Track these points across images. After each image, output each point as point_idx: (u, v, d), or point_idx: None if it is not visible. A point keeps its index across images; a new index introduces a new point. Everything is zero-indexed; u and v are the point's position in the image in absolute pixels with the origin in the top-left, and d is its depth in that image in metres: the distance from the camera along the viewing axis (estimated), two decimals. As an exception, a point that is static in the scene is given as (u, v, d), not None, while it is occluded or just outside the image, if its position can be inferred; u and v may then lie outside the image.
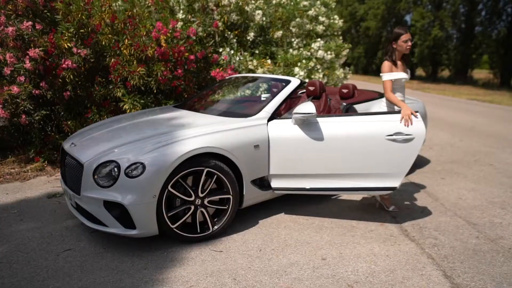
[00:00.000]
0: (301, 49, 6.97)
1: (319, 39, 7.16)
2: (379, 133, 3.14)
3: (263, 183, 3.35)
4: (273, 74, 6.18)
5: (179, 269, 2.62)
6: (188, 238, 2.94)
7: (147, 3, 5.73)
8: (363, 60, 39.46)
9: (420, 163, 5.37)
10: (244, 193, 3.18)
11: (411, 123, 3.10)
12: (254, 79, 4.83)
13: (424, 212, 3.68)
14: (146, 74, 5.01)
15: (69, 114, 5.06)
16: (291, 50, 6.86)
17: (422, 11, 29.51)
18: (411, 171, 4.92)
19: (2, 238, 3.01)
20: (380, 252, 2.90)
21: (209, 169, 2.91)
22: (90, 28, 4.89)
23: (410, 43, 3.40)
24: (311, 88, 4.16)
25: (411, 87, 20.11)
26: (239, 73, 6.02)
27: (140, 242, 2.96)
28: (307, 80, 5.74)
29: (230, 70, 5.68)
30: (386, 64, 3.42)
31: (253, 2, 6.62)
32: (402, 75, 3.42)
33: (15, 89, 4.30)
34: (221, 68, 5.65)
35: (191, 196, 2.91)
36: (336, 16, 8.13)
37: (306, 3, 7.44)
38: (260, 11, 6.55)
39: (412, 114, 3.13)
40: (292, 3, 7.30)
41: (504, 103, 13.84)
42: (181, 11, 6.14)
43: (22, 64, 4.39)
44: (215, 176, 2.96)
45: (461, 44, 27.99)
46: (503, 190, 4.33)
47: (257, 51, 6.65)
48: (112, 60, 4.96)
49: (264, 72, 6.15)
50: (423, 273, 2.63)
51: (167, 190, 2.76)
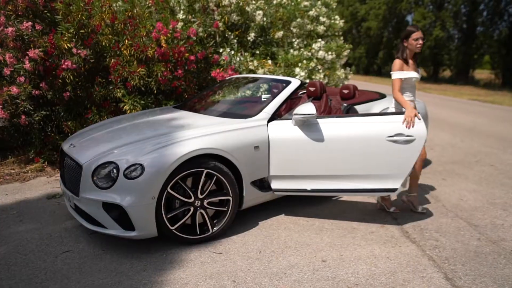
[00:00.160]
0: (302, 49, 6.96)
1: (320, 40, 7.15)
2: (380, 134, 3.12)
3: (263, 184, 3.33)
4: (273, 74, 6.17)
5: (178, 271, 2.61)
6: (187, 239, 2.92)
7: (147, 3, 5.72)
8: (364, 61, 39.47)
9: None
10: (244, 194, 3.17)
11: (413, 126, 3.08)
12: (255, 80, 4.81)
13: (425, 213, 3.66)
14: (146, 75, 5.00)
15: (69, 114, 5.06)
16: (291, 51, 6.85)
17: (424, 11, 29.49)
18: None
19: (0, 240, 3.00)
20: (381, 254, 2.88)
21: (208, 170, 2.89)
22: (90, 29, 4.88)
23: (421, 41, 3.35)
24: (312, 89, 4.14)
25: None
26: (240, 73, 6.00)
27: (139, 244, 2.95)
28: (307, 81, 5.72)
29: (231, 70, 5.67)
30: (397, 62, 3.37)
31: (253, 2, 6.61)
32: (412, 74, 3.37)
33: (14, 89, 4.29)
34: (221, 69, 5.64)
35: (190, 198, 2.89)
36: (337, 17, 8.11)
37: (307, 3, 7.42)
38: (260, 12, 6.53)
39: (416, 116, 3.10)
40: (293, 4, 7.28)
41: (506, 103, 13.80)
42: (181, 12, 6.13)
43: (21, 64, 4.37)
44: (215, 177, 2.94)
45: (462, 44, 27.95)
46: (505, 191, 4.30)
47: (257, 52, 6.63)
48: (112, 60, 4.95)
49: (264, 73, 6.13)
50: (424, 275, 2.61)
51: (166, 191, 2.74)
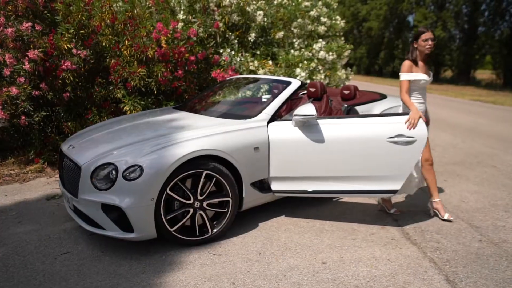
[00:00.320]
0: (302, 50, 6.94)
1: (320, 40, 7.13)
2: (381, 135, 3.10)
3: (263, 185, 3.31)
4: (274, 75, 6.15)
5: (177, 273, 2.59)
6: (186, 241, 2.91)
7: (147, 3, 5.71)
8: (366, 61, 39.49)
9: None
10: (243, 195, 3.15)
11: (414, 127, 3.06)
12: (255, 80, 4.79)
13: (426, 214, 3.64)
14: (147, 75, 4.99)
15: (69, 115, 5.05)
16: (292, 51, 6.83)
17: (425, 11, 29.47)
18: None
19: (-1, 241, 3.00)
20: (381, 256, 2.86)
21: (208, 171, 2.88)
22: (90, 29, 4.88)
23: (430, 42, 3.28)
24: (312, 90, 4.13)
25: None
26: (240, 74, 5.99)
27: (138, 246, 2.93)
28: (308, 81, 5.70)
29: (231, 71, 5.66)
30: (406, 63, 3.33)
31: (254, 2, 6.59)
32: (421, 76, 3.31)
33: (14, 90, 4.28)
34: (222, 69, 5.63)
35: (190, 199, 2.87)
36: (338, 17, 8.09)
37: (307, 3, 7.40)
38: (261, 12, 6.52)
39: (420, 118, 3.08)
40: (293, 4, 7.26)
41: (507, 103, 13.76)
42: (181, 12, 6.12)
43: (21, 65, 4.36)
44: (214, 178, 2.92)
45: (464, 45, 27.93)
46: (506, 192, 4.28)
47: (258, 52, 6.62)
48: (112, 61, 4.95)
49: (265, 73, 6.12)
50: (425, 277, 2.59)
51: (165, 193, 2.73)
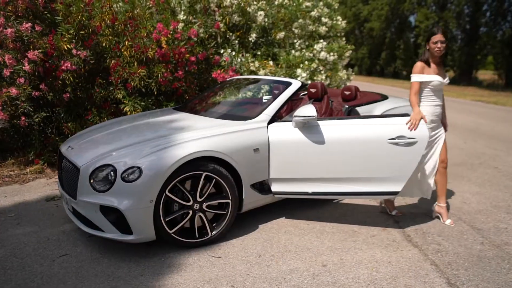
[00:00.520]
0: (303, 50, 6.91)
1: (321, 40, 7.10)
2: (381, 136, 3.07)
3: (263, 187, 3.29)
4: (275, 75, 6.13)
5: (176, 275, 2.57)
6: (186, 243, 2.89)
7: (148, 4, 5.70)
8: (367, 61, 39.44)
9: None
10: (243, 197, 3.13)
11: (415, 129, 3.03)
12: (255, 81, 4.77)
13: (427, 216, 3.61)
14: (147, 76, 4.98)
15: (69, 116, 5.03)
16: (293, 51, 6.81)
17: (426, 11, 29.42)
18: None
19: (-2, 243, 2.98)
20: (382, 259, 2.83)
21: (207, 173, 2.86)
22: (90, 30, 4.86)
23: (439, 45, 3.21)
24: (313, 90, 4.11)
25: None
26: (241, 74, 5.97)
27: (137, 248, 2.91)
28: (309, 82, 5.68)
29: (232, 71, 5.63)
30: (417, 64, 3.27)
31: (255, 3, 6.57)
32: (432, 77, 3.24)
33: (13, 91, 4.26)
34: (222, 70, 5.61)
35: (189, 201, 2.85)
36: (339, 17, 8.06)
37: (308, 4, 7.37)
38: (262, 12, 6.50)
39: (422, 119, 3.05)
40: (294, 4, 7.24)
41: (509, 104, 13.70)
42: (182, 12, 6.10)
43: (21, 66, 4.35)
44: (214, 180, 2.90)
45: (465, 45, 27.86)
46: (509, 194, 4.25)
47: (259, 53, 6.59)
48: (113, 61, 4.93)
49: (266, 74, 6.09)
50: (426, 280, 2.56)
51: (164, 194, 2.71)
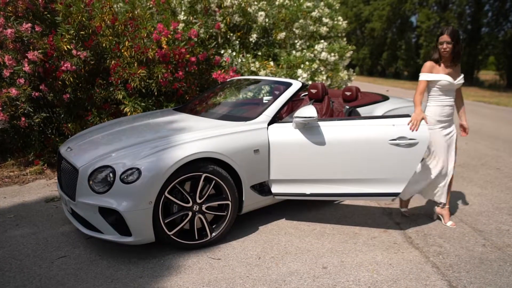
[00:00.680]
0: (304, 50, 6.89)
1: (322, 41, 7.08)
2: (382, 137, 3.05)
3: (263, 188, 3.27)
4: (276, 76, 6.11)
5: (175, 277, 2.56)
6: (185, 245, 2.87)
7: (148, 4, 5.69)
8: (368, 62, 39.39)
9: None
10: (243, 198, 3.11)
11: (416, 129, 3.01)
12: (256, 82, 4.75)
13: (428, 218, 3.59)
14: (147, 76, 4.97)
15: (69, 116, 5.03)
16: (294, 52, 6.79)
17: (428, 12, 29.36)
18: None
19: (-3, 244, 2.97)
20: (383, 261, 2.81)
21: (207, 174, 2.84)
22: (90, 30, 4.85)
23: (444, 46, 3.13)
24: (313, 91, 4.09)
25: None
26: (241, 75, 5.95)
27: (136, 250, 2.89)
28: (309, 83, 5.66)
29: (232, 72, 5.62)
30: (426, 64, 3.24)
31: (256, 3, 6.56)
32: (442, 77, 3.17)
33: (13, 91, 4.26)
34: (223, 70, 5.59)
35: (188, 202, 2.84)
36: (340, 18, 8.04)
37: (309, 4, 7.36)
38: (263, 13, 6.48)
39: (423, 119, 3.03)
40: (295, 4, 7.22)
41: (511, 105, 13.66)
42: (182, 13, 6.09)
43: (21, 66, 4.34)
44: (214, 181, 2.89)
45: (467, 45, 27.76)
46: (511, 195, 4.22)
47: (259, 53, 6.58)
48: (113, 62, 4.92)
49: (267, 74, 6.08)
50: (427, 283, 2.54)
51: (163, 196, 2.69)
